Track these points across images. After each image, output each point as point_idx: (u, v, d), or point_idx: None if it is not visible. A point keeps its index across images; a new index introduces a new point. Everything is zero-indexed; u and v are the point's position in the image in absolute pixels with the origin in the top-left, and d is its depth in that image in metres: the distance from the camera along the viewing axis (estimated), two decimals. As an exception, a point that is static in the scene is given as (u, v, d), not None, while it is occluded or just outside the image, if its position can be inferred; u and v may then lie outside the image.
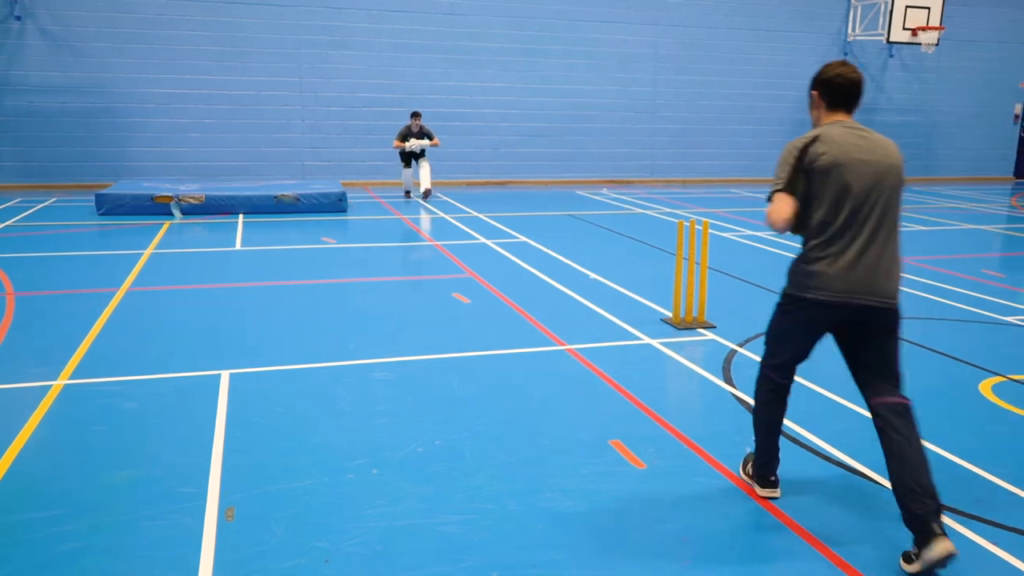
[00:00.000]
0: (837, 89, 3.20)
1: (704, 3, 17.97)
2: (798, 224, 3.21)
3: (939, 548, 2.88)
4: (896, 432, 3.11)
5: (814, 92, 3.28)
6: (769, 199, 3.22)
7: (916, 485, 2.99)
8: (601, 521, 3.34)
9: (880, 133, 3.22)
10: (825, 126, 3.20)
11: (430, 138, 13.92)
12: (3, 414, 4.37)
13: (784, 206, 3.14)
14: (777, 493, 3.55)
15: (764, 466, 3.55)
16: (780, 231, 3.20)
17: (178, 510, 3.35)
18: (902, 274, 3.19)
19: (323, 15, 15.80)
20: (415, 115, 13.89)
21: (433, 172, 15.70)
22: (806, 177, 3.14)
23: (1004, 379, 5.15)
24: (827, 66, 3.26)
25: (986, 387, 5.00)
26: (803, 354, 3.37)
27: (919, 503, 2.97)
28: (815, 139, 3.14)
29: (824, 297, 3.12)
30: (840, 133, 3.14)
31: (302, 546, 3.11)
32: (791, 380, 3.45)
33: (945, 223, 12.51)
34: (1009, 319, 6.66)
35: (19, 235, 10.06)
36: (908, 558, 3.01)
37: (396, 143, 13.96)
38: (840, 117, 3.23)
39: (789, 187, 3.15)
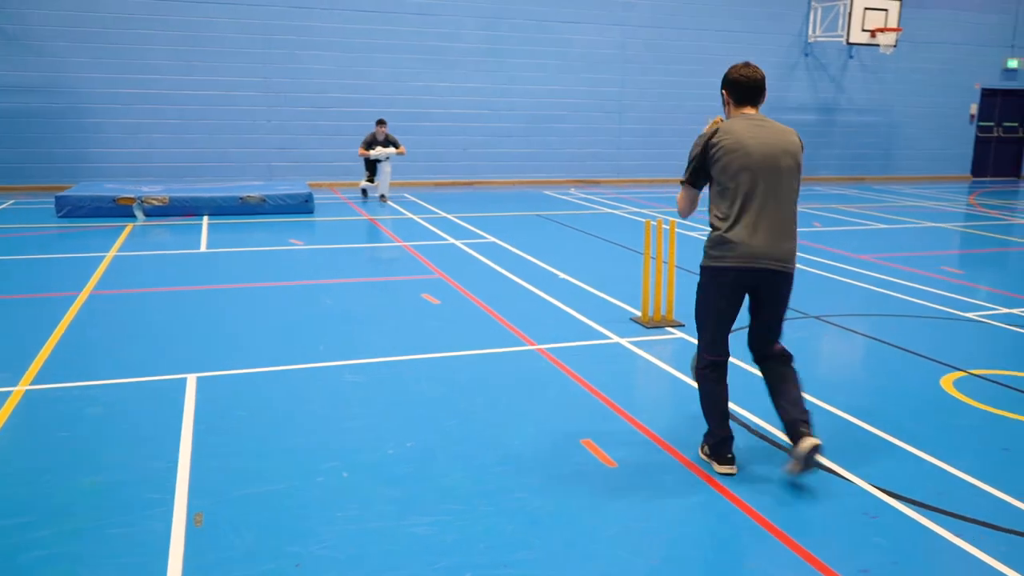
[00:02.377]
0: (740, 87, 3.68)
1: (670, 4, 18.10)
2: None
3: (807, 443, 3.52)
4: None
5: (723, 91, 3.75)
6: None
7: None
8: (572, 520, 3.35)
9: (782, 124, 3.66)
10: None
11: (396, 146, 13.84)
12: (-38, 421, 4.27)
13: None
14: (733, 470, 3.77)
15: (720, 444, 3.80)
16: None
17: (146, 516, 3.31)
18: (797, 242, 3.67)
19: (292, 15, 15.64)
20: (380, 123, 13.84)
21: (400, 172, 15.68)
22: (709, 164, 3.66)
23: (964, 374, 5.26)
24: (731, 68, 3.72)
25: (947, 382, 5.11)
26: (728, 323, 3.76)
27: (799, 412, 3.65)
28: (716, 131, 3.65)
29: (732, 264, 3.60)
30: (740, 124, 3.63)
31: (273, 551, 3.08)
32: (726, 355, 3.81)
33: (905, 221, 12.74)
34: (969, 315, 6.80)
35: (-24, 238, 9.84)
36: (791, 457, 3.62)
37: (361, 151, 13.88)
38: (745, 111, 3.70)
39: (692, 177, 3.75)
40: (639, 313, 6.59)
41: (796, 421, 3.61)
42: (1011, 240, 11.23)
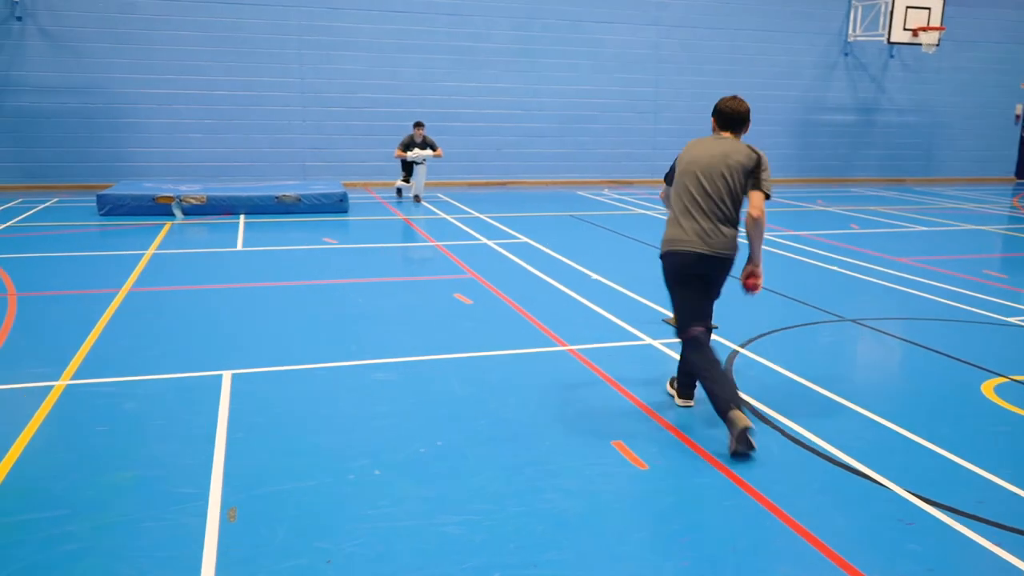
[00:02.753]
0: (723, 116, 4.34)
1: (705, 4, 17.97)
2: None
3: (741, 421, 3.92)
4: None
5: (713, 117, 4.42)
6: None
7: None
8: (602, 521, 3.34)
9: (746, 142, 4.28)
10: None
11: (433, 148, 13.84)
12: (5, 414, 4.37)
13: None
14: (691, 403, 4.56)
15: (689, 386, 4.57)
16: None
17: (180, 511, 3.36)
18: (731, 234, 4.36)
19: (324, 15, 15.80)
20: (418, 125, 13.81)
21: (434, 172, 15.74)
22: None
23: (1006, 380, 5.14)
24: (722, 99, 4.38)
25: (988, 388, 5.00)
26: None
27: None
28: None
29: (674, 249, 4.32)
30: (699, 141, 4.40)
31: (304, 547, 3.11)
32: (701, 330, 4.33)
33: (946, 223, 12.50)
34: (1011, 320, 6.66)
35: (21, 235, 10.07)
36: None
37: (398, 152, 13.90)
38: (723, 135, 4.35)
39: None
40: (672, 315, 6.53)
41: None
42: (1056, 243, 10.96)
